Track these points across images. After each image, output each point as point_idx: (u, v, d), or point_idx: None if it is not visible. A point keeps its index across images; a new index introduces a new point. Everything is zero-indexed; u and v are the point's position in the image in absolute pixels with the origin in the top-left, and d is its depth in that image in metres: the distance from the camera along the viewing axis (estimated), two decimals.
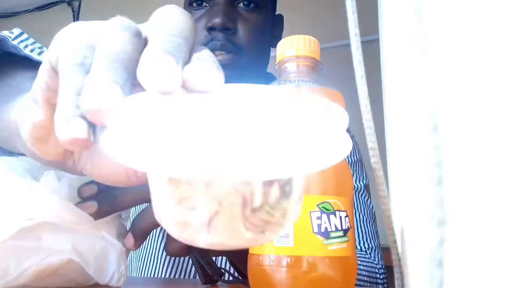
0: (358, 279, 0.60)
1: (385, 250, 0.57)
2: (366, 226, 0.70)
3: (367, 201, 0.73)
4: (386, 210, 0.18)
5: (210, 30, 0.68)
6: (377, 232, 0.71)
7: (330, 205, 0.32)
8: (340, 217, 0.32)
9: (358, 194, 0.72)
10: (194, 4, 0.72)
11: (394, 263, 0.18)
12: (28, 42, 0.42)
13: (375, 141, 0.18)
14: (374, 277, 0.64)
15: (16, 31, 0.43)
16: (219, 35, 0.68)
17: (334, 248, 0.31)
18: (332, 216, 0.32)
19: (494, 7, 0.15)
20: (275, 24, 0.79)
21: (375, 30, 0.22)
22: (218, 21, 0.66)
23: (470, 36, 0.15)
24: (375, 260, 0.67)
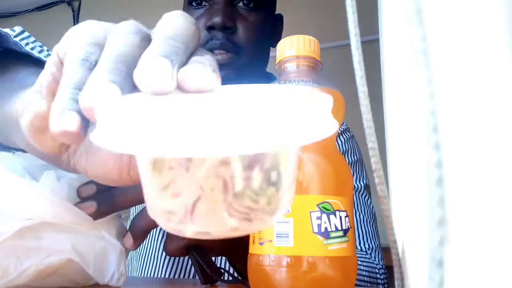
0: (358, 279, 0.60)
1: (385, 250, 0.57)
2: (366, 226, 0.69)
3: (367, 201, 0.72)
4: (386, 210, 0.18)
5: (210, 29, 0.68)
6: (377, 232, 0.71)
7: (330, 205, 0.32)
8: (340, 217, 0.32)
9: (358, 194, 0.72)
10: (194, 3, 0.72)
11: (394, 263, 0.18)
12: (29, 40, 0.42)
13: (375, 141, 0.18)
14: (374, 277, 0.64)
15: (17, 29, 0.43)
16: (219, 34, 0.68)
17: (334, 248, 0.31)
18: (332, 216, 0.32)
19: (494, 7, 0.15)
20: (275, 23, 0.79)
21: (375, 30, 0.22)
22: (217, 20, 0.66)
23: (470, 36, 0.15)
24: (376, 260, 0.67)
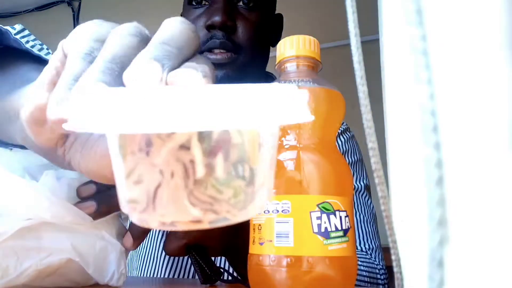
0: (358, 280, 0.60)
1: (385, 250, 0.57)
2: (367, 227, 0.69)
3: (368, 201, 0.72)
4: (386, 210, 0.18)
5: (210, 28, 0.68)
6: (377, 232, 0.71)
7: (330, 205, 0.32)
8: (340, 217, 0.32)
9: (358, 195, 0.71)
10: (193, 2, 0.71)
11: (394, 263, 0.18)
12: (29, 38, 0.42)
13: (375, 141, 0.18)
14: (374, 277, 0.64)
15: (18, 27, 0.43)
16: (219, 33, 0.67)
17: (334, 248, 0.31)
18: (332, 216, 0.32)
19: (494, 7, 0.15)
20: (275, 23, 0.79)
21: (375, 30, 0.22)
22: (217, 19, 0.66)
23: (470, 36, 0.15)
24: (376, 260, 0.67)
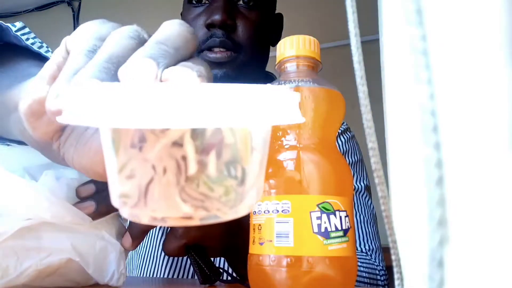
0: (358, 281, 0.60)
1: (385, 250, 0.57)
2: (367, 228, 0.69)
3: (368, 202, 0.72)
4: (386, 210, 0.18)
5: (210, 26, 0.68)
6: (378, 233, 0.70)
7: (330, 205, 0.32)
8: (340, 217, 0.32)
9: (358, 195, 0.71)
10: (193, 1, 0.71)
11: (394, 263, 0.18)
12: (29, 36, 0.42)
13: (375, 141, 0.18)
14: (374, 278, 0.63)
15: (18, 24, 0.43)
16: (219, 32, 0.67)
17: (334, 248, 0.31)
18: (332, 216, 0.32)
19: (494, 7, 0.15)
20: (275, 22, 0.79)
21: (375, 30, 0.22)
22: (217, 17, 0.66)
23: (470, 35, 0.15)
24: (376, 261, 0.67)
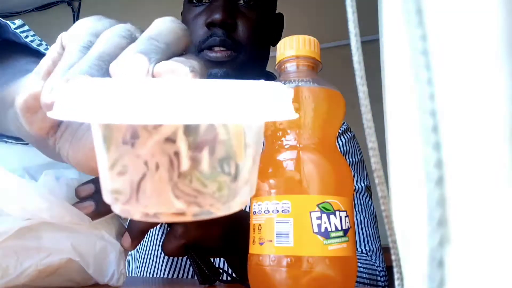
0: (358, 282, 0.60)
1: (385, 250, 0.57)
2: (367, 228, 0.69)
3: (368, 202, 0.72)
4: (386, 210, 0.18)
5: (210, 26, 0.68)
6: (378, 234, 0.70)
7: (330, 205, 0.32)
8: (340, 217, 0.32)
9: (359, 195, 0.71)
10: (194, 0, 0.71)
11: (394, 263, 0.18)
12: (29, 34, 0.42)
13: (375, 141, 0.18)
14: (374, 279, 0.63)
15: (18, 22, 0.43)
16: (219, 31, 0.68)
17: (334, 248, 0.31)
18: (332, 216, 0.32)
19: (494, 7, 0.15)
20: (275, 22, 0.79)
21: (375, 30, 0.22)
22: (218, 17, 0.66)
23: (470, 36, 0.15)
24: (376, 262, 0.66)
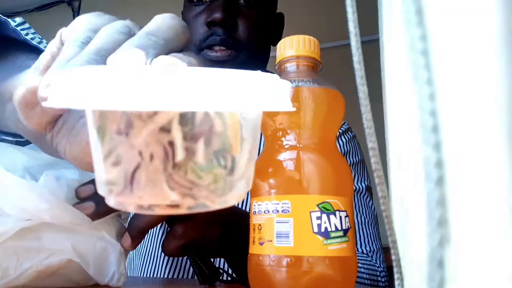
0: (359, 282, 0.60)
1: (385, 250, 0.57)
2: (368, 229, 0.69)
3: (369, 202, 0.72)
4: (386, 210, 0.18)
5: (210, 25, 0.68)
6: (379, 234, 0.70)
7: (330, 205, 0.32)
8: (340, 217, 0.32)
9: (359, 196, 0.71)
10: (194, 0, 0.72)
11: (394, 263, 0.18)
12: (29, 31, 0.42)
13: (375, 141, 0.18)
14: (375, 280, 0.63)
15: (18, 19, 0.43)
16: (219, 30, 0.68)
17: (334, 248, 0.31)
18: (332, 216, 0.32)
19: (493, 7, 0.15)
20: (276, 22, 0.79)
21: (375, 30, 0.22)
22: (218, 16, 0.66)
23: (470, 35, 0.15)
24: (377, 263, 0.66)
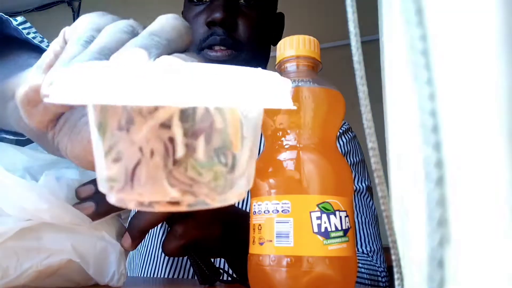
0: (359, 282, 0.60)
1: (385, 250, 0.57)
2: (368, 229, 0.69)
3: (369, 202, 0.71)
4: (386, 210, 0.18)
5: (210, 25, 0.68)
6: (379, 234, 0.70)
7: (330, 205, 0.32)
8: (340, 217, 0.32)
9: (360, 196, 0.71)
10: (194, 0, 0.72)
11: (394, 263, 0.18)
12: (30, 30, 0.43)
13: (375, 141, 0.18)
14: (375, 280, 0.63)
15: (20, 19, 0.43)
16: (219, 30, 0.68)
17: (334, 248, 0.31)
18: (332, 216, 0.32)
19: (493, 7, 0.15)
20: (276, 22, 0.79)
21: (375, 30, 0.22)
22: (218, 16, 0.66)
23: (470, 35, 0.15)
24: (377, 263, 0.66)
